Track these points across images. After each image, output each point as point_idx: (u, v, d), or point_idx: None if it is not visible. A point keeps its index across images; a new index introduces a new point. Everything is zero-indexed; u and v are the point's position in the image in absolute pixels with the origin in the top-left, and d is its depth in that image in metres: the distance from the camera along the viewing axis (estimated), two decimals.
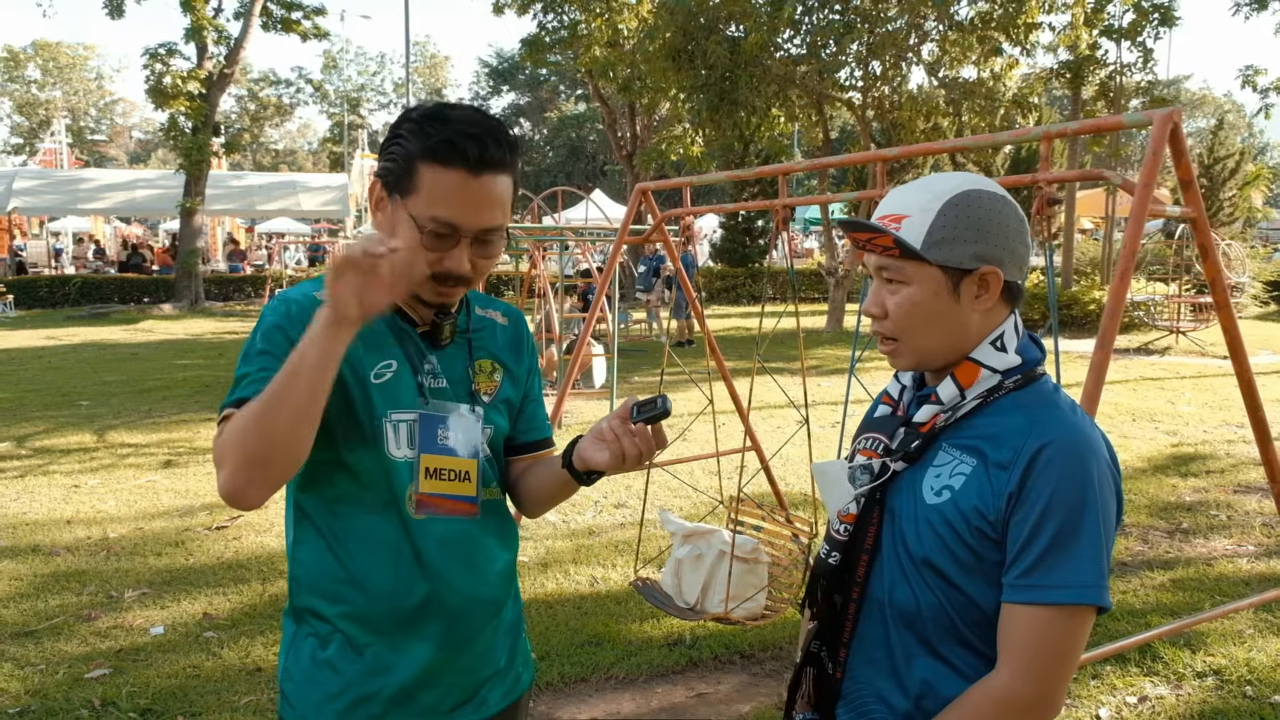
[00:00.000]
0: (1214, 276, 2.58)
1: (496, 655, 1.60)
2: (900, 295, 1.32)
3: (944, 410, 1.33)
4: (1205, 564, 4.93)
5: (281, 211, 29.75)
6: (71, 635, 4.09)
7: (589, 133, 49.49)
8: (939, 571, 1.29)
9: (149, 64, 20.93)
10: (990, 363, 1.31)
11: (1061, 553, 1.20)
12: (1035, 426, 1.25)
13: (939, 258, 1.28)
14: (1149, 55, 16.29)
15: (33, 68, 57.59)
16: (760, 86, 15.17)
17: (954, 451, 1.31)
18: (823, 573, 1.42)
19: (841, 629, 1.40)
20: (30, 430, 8.38)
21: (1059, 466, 1.21)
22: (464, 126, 1.41)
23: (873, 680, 1.38)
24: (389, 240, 1.25)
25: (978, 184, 1.32)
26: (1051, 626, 1.20)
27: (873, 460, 1.37)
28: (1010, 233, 1.31)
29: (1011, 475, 1.23)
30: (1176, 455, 7.26)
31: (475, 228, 1.44)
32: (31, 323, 18.68)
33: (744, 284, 23.29)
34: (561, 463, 1.57)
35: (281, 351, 1.35)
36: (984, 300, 1.31)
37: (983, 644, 1.29)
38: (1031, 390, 1.32)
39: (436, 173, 1.41)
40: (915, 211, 1.30)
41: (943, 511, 1.28)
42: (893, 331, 1.34)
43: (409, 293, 1.49)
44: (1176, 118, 2.28)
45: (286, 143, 64.40)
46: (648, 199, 4.06)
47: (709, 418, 4.83)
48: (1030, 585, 1.21)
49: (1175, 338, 14.19)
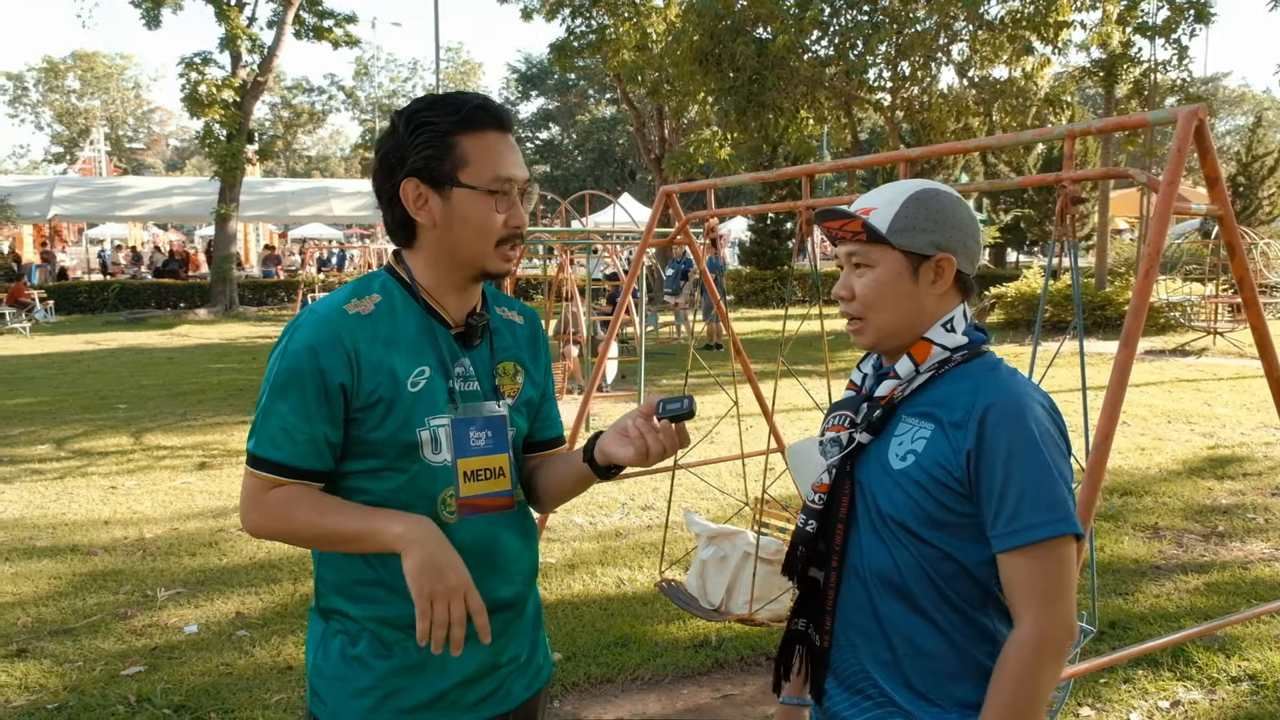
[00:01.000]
0: (1241, 275, 2.54)
1: (519, 649, 1.63)
2: (867, 277, 1.48)
3: (900, 384, 1.47)
4: (1241, 568, 4.85)
5: (314, 217, 30.12)
6: (108, 633, 4.18)
7: (618, 136, 49.58)
8: (910, 531, 1.41)
9: (185, 73, 21.29)
10: (941, 341, 1.47)
11: (1033, 494, 1.33)
12: (980, 390, 1.40)
13: (902, 243, 1.45)
14: (1184, 52, 16.03)
15: (72, 78, 58.63)
16: (788, 88, 15.13)
17: (912, 420, 1.44)
18: (801, 540, 1.53)
19: (824, 599, 1.52)
20: (69, 433, 8.55)
21: (1007, 423, 1.35)
22: (475, 98, 1.52)
23: (858, 644, 1.48)
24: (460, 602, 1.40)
25: (936, 186, 1.50)
26: (1047, 561, 1.33)
27: (840, 434, 1.52)
28: (964, 227, 1.48)
29: (967, 434, 1.37)
30: (1213, 458, 7.15)
31: (523, 179, 1.54)
32: (71, 328, 19.05)
33: (772, 287, 23.22)
34: (583, 457, 1.59)
35: (303, 408, 1.45)
36: (939, 285, 1.47)
37: (959, 598, 1.41)
38: (976, 363, 1.47)
39: (478, 138, 1.50)
40: (882, 205, 1.47)
41: (909, 474, 1.41)
42: (859, 311, 1.50)
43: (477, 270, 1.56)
44: (1202, 114, 2.26)
45: (319, 149, 65.09)
46: (672, 201, 4.08)
47: (733, 420, 4.83)
48: (1016, 530, 1.33)
49: (1212, 338, 13.96)
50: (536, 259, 12.77)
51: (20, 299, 19.56)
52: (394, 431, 1.49)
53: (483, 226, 1.51)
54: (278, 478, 1.47)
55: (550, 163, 52.56)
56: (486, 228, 1.51)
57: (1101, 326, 14.91)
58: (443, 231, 1.52)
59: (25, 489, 6.58)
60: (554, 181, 48.40)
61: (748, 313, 20.86)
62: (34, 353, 14.89)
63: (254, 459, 1.48)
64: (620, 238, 10.98)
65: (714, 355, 13.73)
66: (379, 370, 1.48)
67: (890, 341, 1.50)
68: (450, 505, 1.53)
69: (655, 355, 13.14)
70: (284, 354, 1.48)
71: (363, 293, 1.53)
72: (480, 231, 1.51)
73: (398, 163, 1.50)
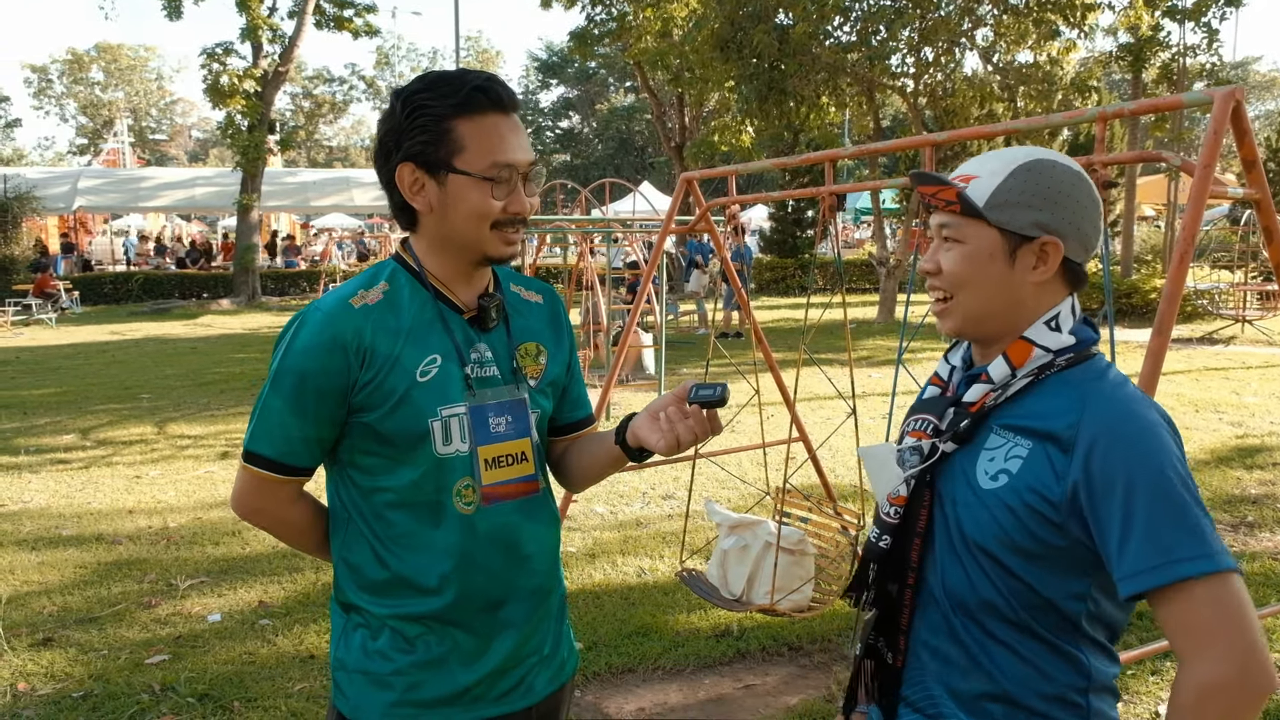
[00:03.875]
0: (1279, 261, 2.48)
1: (542, 642, 1.60)
2: (955, 252, 1.31)
3: (994, 389, 1.30)
4: (1271, 558, 4.77)
5: (335, 207, 30.24)
6: (133, 622, 4.21)
7: (638, 125, 49.44)
8: (994, 558, 1.26)
9: (206, 64, 21.39)
10: (1043, 342, 1.28)
11: (1172, 527, 1.13)
12: (1088, 405, 1.21)
13: (999, 219, 1.27)
14: (1214, 36, 15.77)
15: (96, 69, 59.18)
16: (809, 75, 15.00)
17: (1006, 434, 1.27)
18: (874, 557, 1.38)
19: (899, 616, 1.37)
20: (94, 423, 8.63)
21: (1124, 445, 1.16)
22: (475, 78, 1.44)
23: (935, 666, 1.35)
24: None
25: (1054, 156, 1.29)
26: (1210, 600, 1.12)
27: (922, 441, 1.34)
28: (1079, 208, 1.28)
29: (1073, 461, 1.18)
30: (1241, 447, 7.04)
31: (526, 162, 1.47)
32: (96, 318, 19.23)
33: (793, 275, 23.10)
34: (615, 439, 1.57)
35: (299, 407, 1.45)
36: (1040, 272, 1.28)
37: (1043, 629, 1.26)
38: (1081, 368, 1.27)
39: (476, 122, 1.43)
40: (985, 174, 1.29)
41: (1000, 496, 1.24)
42: (945, 287, 1.33)
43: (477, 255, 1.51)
44: (1239, 95, 2.20)
45: (340, 139, 65.35)
46: (693, 188, 4.03)
47: (755, 409, 4.79)
48: (1161, 565, 1.13)
49: (1241, 326, 13.76)
50: (558, 247, 12.74)
51: (46, 290, 19.77)
52: (405, 423, 1.46)
53: (480, 212, 1.46)
54: (267, 473, 1.50)
55: (570, 151, 52.52)
56: (483, 213, 1.46)
57: (1127, 314, 14.74)
58: (439, 217, 1.48)
59: (51, 478, 6.64)
60: (574, 170, 48.34)
61: (768, 300, 20.77)
62: (59, 343, 15.04)
63: (247, 454, 1.51)
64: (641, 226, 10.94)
65: (733, 344, 13.69)
66: (388, 361, 1.45)
67: (978, 330, 1.34)
68: (466, 496, 1.50)
69: (676, 344, 13.10)
70: (287, 352, 1.47)
71: (370, 283, 1.51)
72: (477, 217, 1.46)
73: (394, 146, 1.46)
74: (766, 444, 4.50)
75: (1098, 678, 1.28)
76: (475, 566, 1.50)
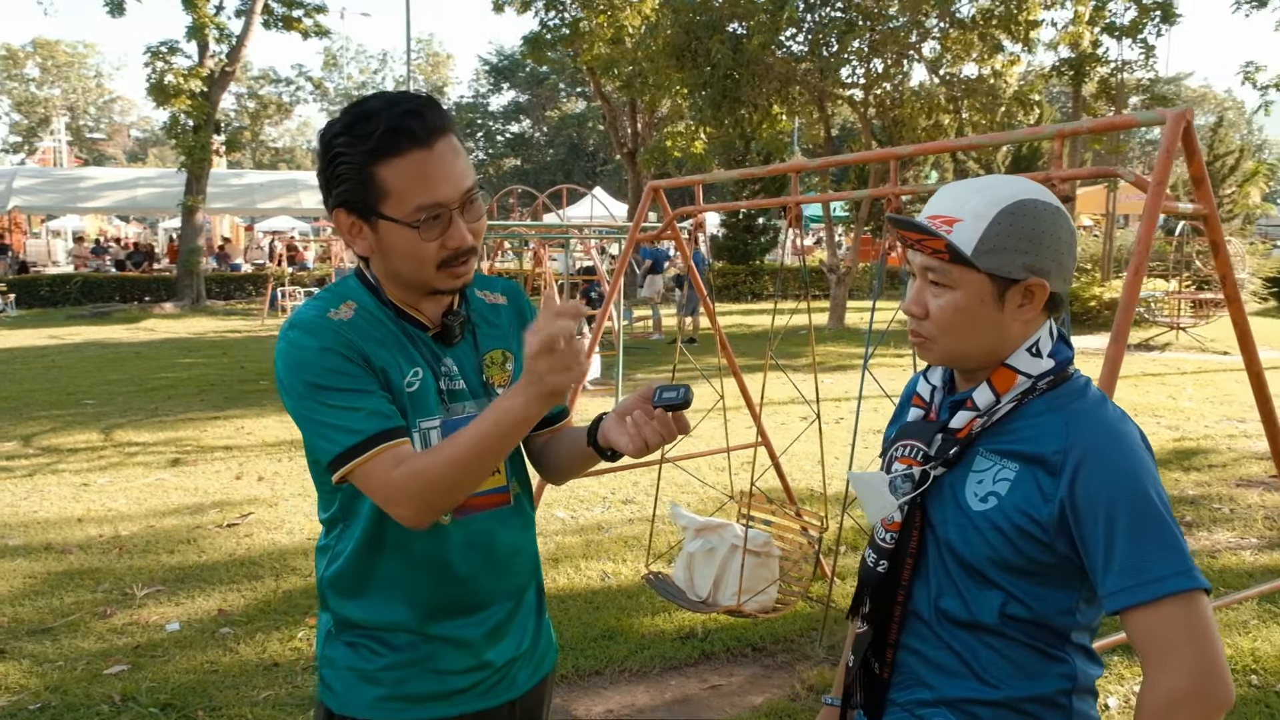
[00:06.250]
0: (1225, 272, 2.61)
1: (522, 638, 1.64)
2: (945, 299, 1.31)
3: (979, 415, 1.33)
4: (1209, 556, 4.96)
5: (282, 210, 29.77)
6: (88, 632, 4.13)
7: (589, 133, 49.45)
8: (985, 577, 1.30)
9: (150, 62, 20.92)
10: (1026, 369, 1.32)
11: (1150, 546, 1.19)
12: (1071, 426, 1.26)
13: (989, 266, 1.27)
14: (1150, 52, 16.33)
15: (32, 65, 57.51)
16: (762, 84, 15.20)
17: (993, 457, 1.31)
18: (871, 581, 1.41)
19: (887, 632, 1.41)
20: (36, 429, 8.41)
21: (1107, 467, 1.22)
22: (393, 110, 1.37)
23: (923, 671, 1.39)
24: (560, 322, 1.27)
25: (1034, 193, 1.30)
26: (1180, 616, 1.18)
27: (913, 469, 1.37)
28: (1061, 246, 1.30)
29: (1060, 481, 1.23)
30: (1179, 449, 7.30)
31: (458, 195, 1.42)
32: (33, 322, 18.69)
33: (745, 281, 23.32)
34: (587, 440, 1.59)
35: (351, 384, 1.40)
36: (1026, 310, 1.31)
37: (1033, 640, 1.31)
38: (1063, 390, 1.32)
39: (395, 166, 1.38)
40: (969, 217, 1.28)
41: (989, 517, 1.28)
42: (931, 333, 1.34)
43: (428, 289, 1.49)
44: (1189, 116, 2.32)
45: (286, 141, 64.33)
46: (660, 196, 4.09)
47: (717, 414, 4.86)
48: (1141, 584, 1.19)
49: (1175, 334, 14.24)
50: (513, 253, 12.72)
51: None
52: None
53: (416, 256, 1.43)
54: (383, 447, 1.39)
55: (521, 156, 52.31)
56: (420, 258, 1.43)
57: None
58: (382, 258, 1.47)
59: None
60: (524, 175, 48.17)
61: (721, 307, 20.93)
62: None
63: (349, 451, 1.39)
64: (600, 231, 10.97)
65: (690, 349, 13.76)
66: (382, 371, 1.47)
67: (962, 362, 1.37)
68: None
69: (631, 349, 13.15)
70: (302, 359, 1.43)
71: (337, 301, 1.49)
72: (415, 260, 1.43)
73: (326, 191, 1.45)
74: (730, 448, 4.57)
75: (1083, 680, 1.33)
76: (453, 574, 1.53)
